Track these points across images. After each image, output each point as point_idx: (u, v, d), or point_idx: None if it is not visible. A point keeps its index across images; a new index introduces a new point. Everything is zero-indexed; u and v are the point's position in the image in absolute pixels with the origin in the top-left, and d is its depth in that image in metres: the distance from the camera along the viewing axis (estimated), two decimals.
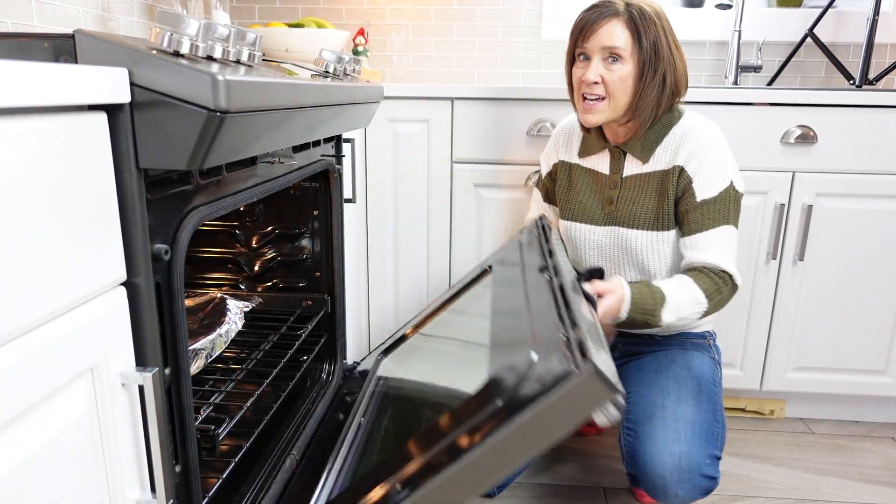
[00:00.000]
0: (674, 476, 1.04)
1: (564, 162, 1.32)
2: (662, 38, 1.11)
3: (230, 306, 1.11)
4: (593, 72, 1.12)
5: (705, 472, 1.05)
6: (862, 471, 1.50)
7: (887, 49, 1.95)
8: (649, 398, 1.13)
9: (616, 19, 1.10)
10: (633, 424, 1.11)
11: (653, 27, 1.10)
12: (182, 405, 0.70)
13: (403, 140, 1.59)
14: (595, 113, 1.14)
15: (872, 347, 1.60)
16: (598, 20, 1.11)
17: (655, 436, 1.06)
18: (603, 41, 1.11)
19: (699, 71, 2.01)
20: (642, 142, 1.19)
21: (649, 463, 1.05)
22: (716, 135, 1.16)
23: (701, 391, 1.14)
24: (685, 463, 1.04)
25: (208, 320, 1.06)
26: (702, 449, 1.05)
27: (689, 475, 1.04)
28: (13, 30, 1.23)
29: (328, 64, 1.04)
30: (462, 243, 1.65)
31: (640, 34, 1.10)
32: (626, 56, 1.10)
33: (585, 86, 1.14)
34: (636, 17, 1.10)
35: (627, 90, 1.12)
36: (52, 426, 0.51)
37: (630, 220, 1.22)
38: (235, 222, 1.34)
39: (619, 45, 1.10)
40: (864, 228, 1.53)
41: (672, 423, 1.07)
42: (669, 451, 1.05)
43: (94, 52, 0.55)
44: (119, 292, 0.59)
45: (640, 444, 1.07)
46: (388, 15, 2.02)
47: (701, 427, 1.08)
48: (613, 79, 1.11)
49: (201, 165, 0.60)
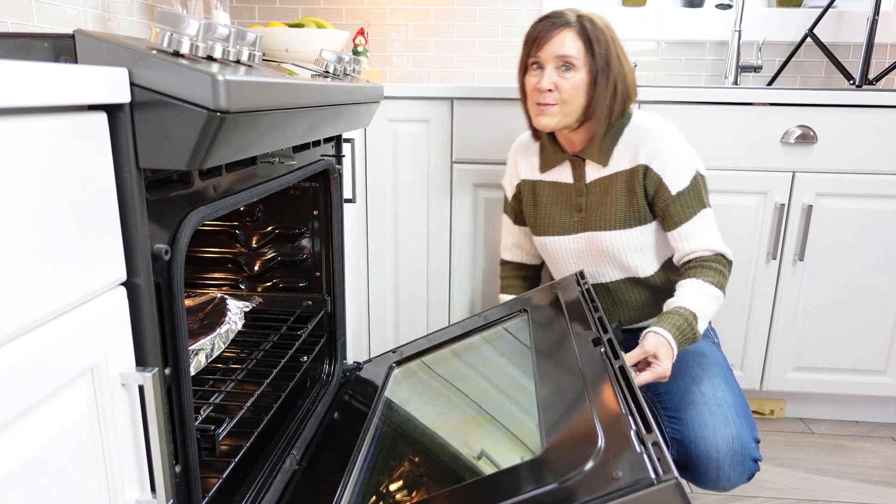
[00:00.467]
0: (727, 459, 1.04)
1: (527, 180, 1.35)
2: (612, 48, 1.16)
3: (230, 306, 1.11)
4: (547, 79, 1.16)
5: (754, 455, 1.07)
6: (862, 471, 1.50)
7: (887, 49, 1.95)
8: (683, 387, 1.13)
9: (568, 29, 1.15)
10: (675, 413, 1.11)
11: (603, 37, 1.15)
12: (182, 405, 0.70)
13: (403, 140, 1.59)
14: (548, 115, 1.18)
15: (872, 347, 1.60)
16: (551, 30, 1.16)
17: (704, 421, 1.07)
18: (556, 50, 1.15)
19: (699, 71, 2.01)
20: (598, 146, 1.22)
21: (703, 447, 1.05)
22: (668, 128, 1.20)
23: (726, 376, 1.16)
24: (738, 446, 1.05)
25: (208, 320, 1.06)
26: (748, 431, 1.07)
27: (742, 458, 1.05)
28: (13, 30, 1.23)
29: (328, 64, 1.04)
30: (462, 243, 1.65)
31: (591, 44, 1.14)
32: (578, 64, 1.15)
33: (539, 93, 1.17)
34: (588, 27, 1.15)
35: (580, 97, 1.16)
36: (52, 426, 0.51)
37: (602, 223, 1.24)
38: (235, 222, 1.34)
39: (573, 53, 1.14)
40: (864, 228, 1.53)
41: (716, 407, 1.08)
42: (721, 434, 1.05)
43: (94, 52, 0.55)
44: (119, 292, 0.59)
45: (689, 430, 1.07)
46: (388, 15, 2.02)
47: (742, 410, 1.10)
48: (567, 86, 1.15)
49: (201, 165, 0.60)
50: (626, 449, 0.66)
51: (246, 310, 1.13)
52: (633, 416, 0.72)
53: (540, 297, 1.19)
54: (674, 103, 1.50)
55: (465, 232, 1.64)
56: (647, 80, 2.02)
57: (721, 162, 1.53)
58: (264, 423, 1.03)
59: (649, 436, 0.67)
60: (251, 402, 0.99)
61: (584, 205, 1.26)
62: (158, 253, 0.63)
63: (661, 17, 1.97)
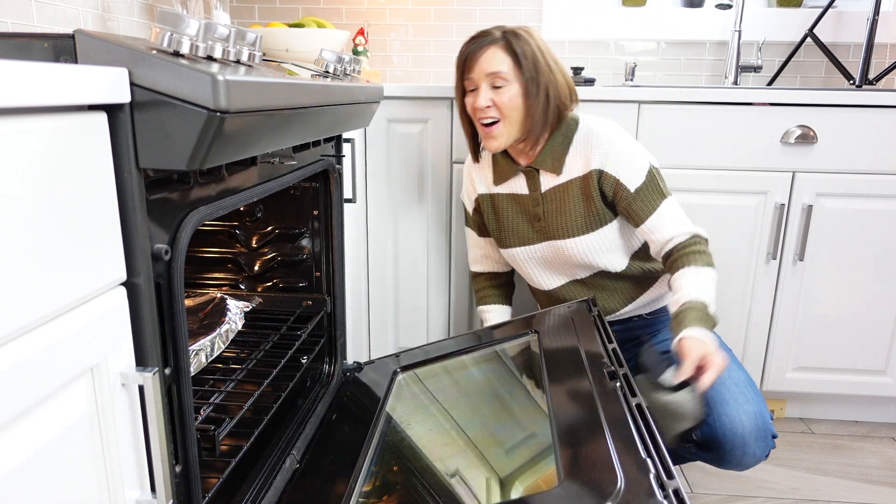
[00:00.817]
0: (753, 435, 1.06)
1: (484, 194, 1.37)
2: (539, 56, 1.18)
3: (230, 306, 1.11)
4: (483, 97, 1.19)
5: (773, 432, 1.08)
6: (862, 471, 1.50)
7: (887, 49, 1.95)
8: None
9: (494, 46, 1.18)
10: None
11: (528, 47, 1.17)
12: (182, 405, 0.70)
13: (403, 140, 1.59)
14: (496, 138, 1.21)
15: (872, 347, 1.60)
16: (478, 50, 1.19)
17: (726, 399, 1.08)
18: (486, 68, 1.18)
19: (699, 71, 2.01)
20: (550, 155, 1.24)
21: (728, 424, 1.06)
22: (616, 130, 1.23)
23: (733, 358, 1.18)
24: (761, 421, 1.06)
25: (208, 320, 1.06)
26: (766, 407, 1.09)
27: (765, 433, 1.07)
28: (13, 30, 1.23)
29: (328, 64, 1.04)
30: (461, 243, 1.65)
31: (518, 56, 1.17)
32: (510, 78, 1.18)
33: (479, 112, 1.20)
34: (512, 41, 1.17)
35: (518, 109, 1.19)
36: (52, 426, 0.51)
37: (561, 230, 1.26)
38: (235, 222, 1.34)
39: (503, 69, 1.17)
40: (864, 228, 1.53)
41: (734, 386, 1.10)
42: (745, 410, 1.07)
43: (94, 52, 0.55)
44: (119, 292, 0.59)
45: (711, 409, 1.08)
46: (388, 15, 2.02)
47: (756, 388, 1.12)
48: (503, 100, 1.18)
49: (201, 165, 0.60)
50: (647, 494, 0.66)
51: (246, 310, 1.13)
52: (654, 459, 0.72)
53: (550, 319, 1.18)
54: (674, 103, 1.50)
55: (464, 232, 1.64)
56: (647, 80, 2.02)
57: (721, 162, 1.53)
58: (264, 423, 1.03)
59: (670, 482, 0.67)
60: (251, 402, 0.99)
61: (542, 214, 1.28)
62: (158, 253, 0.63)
63: (661, 17, 1.97)
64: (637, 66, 2.02)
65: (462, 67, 1.23)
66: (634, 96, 1.50)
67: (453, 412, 1.06)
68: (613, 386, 0.90)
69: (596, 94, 1.50)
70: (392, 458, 0.99)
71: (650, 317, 1.31)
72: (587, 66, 2.03)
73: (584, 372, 0.96)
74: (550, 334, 1.12)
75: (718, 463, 1.10)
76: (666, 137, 1.52)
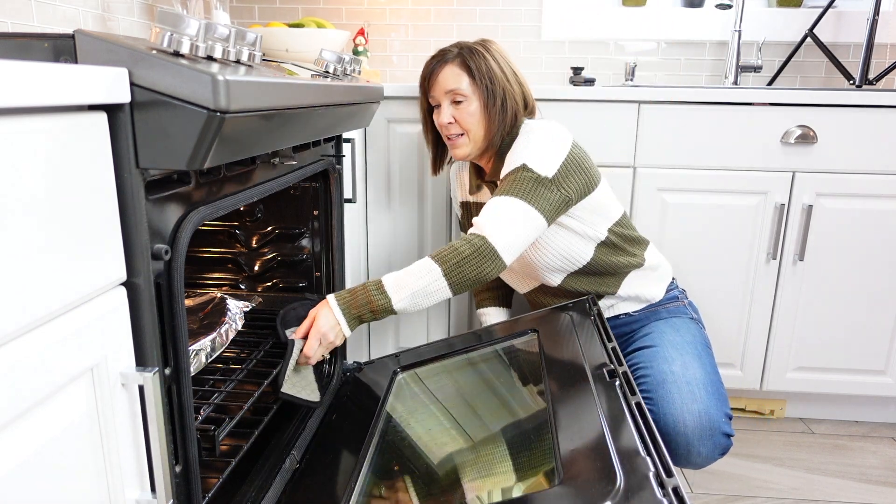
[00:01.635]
0: (696, 434, 1.07)
1: (463, 202, 1.42)
2: (495, 68, 1.22)
3: (230, 306, 1.11)
4: (445, 114, 1.24)
5: (724, 430, 1.09)
6: (862, 471, 1.50)
7: (887, 49, 1.95)
8: (656, 367, 1.16)
9: (451, 64, 1.23)
10: (649, 393, 1.14)
11: (483, 61, 1.21)
12: (182, 405, 0.70)
13: (403, 140, 1.59)
14: (459, 147, 1.25)
15: (872, 347, 1.60)
16: (435, 68, 1.24)
17: (672, 399, 1.10)
18: (444, 86, 1.23)
19: (699, 71, 2.01)
20: (500, 166, 1.25)
21: (671, 423, 1.08)
22: (539, 131, 1.20)
23: (699, 354, 1.19)
24: (706, 420, 1.07)
25: (208, 320, 1.06)
26: (718, 407, 1.10)
27: (711, 432, 1.07)
28: (13, 30, 1.23)
29: (328, 64, 1.04)
30: None
31: (472, 71, 1.21)
32: (468, 94, 1.22)
33: (444, 129, 1.25)
34: (466, 56, 1.22)
35: (480, 122, 1.23)
36: (52, 426, 0.51)
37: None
38: (235, 222, 1.34)
39: (460, 86, 1.21)
40: (864, 228, 1.53)
41: (685, 385, 1.11)
42: (689, 409, 1.08)
43: (94, 52, 0.55)
44: (119, 292, 0.59)
45: (659, 407, 1.10)
46: (388, 15, 2.02)
47: (712, 387, 1.12)
48: (464, 116, 1.22)
49: (201, 165, 0.60)
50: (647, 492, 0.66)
51: (245, 309, 1.13)
52: (653, 457, 0.72)
53: (550, 318, 1.18)
54: (674, 103, 1.50)
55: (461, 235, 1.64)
56: (647, 80, 2.03)
57: (721, 162, 1.53)
58: (264, 423, 1.03)
59: (670, 480, 0.67)
60: (251, 402, 0.99)
61: None
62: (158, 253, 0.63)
63: (661, 17, 1.97)
64: (637, 66, 2.02)
65: (425, 86, 1.27)
66: (634, 96, 1.50)
67: (453, 411, 1.06)
68: (613, 384, 0.90)
69: (596, 94, 1.50)
70: (392, 457, 0.99)
71: (637, 314, 1.31)
72: (587, 66, 2.03)
73: (583, 370, 0.96)
74: (550, 333, 1.12)
75: (673, 460, 1.12)
76: (666, 137, 1.52)
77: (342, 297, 1.07)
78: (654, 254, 1.35)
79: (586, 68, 2.03)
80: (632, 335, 1.31)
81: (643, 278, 1.31)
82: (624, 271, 1.29)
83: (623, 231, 1.29)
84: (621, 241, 1.28)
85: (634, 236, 1.32)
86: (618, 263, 1.28)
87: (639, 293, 1.30)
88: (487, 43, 1.25)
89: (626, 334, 1.32)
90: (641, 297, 1.30)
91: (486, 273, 1.10)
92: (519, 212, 1.13)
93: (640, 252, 1.32)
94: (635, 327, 1.31)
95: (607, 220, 1.26)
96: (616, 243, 1.28)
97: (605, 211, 1.26)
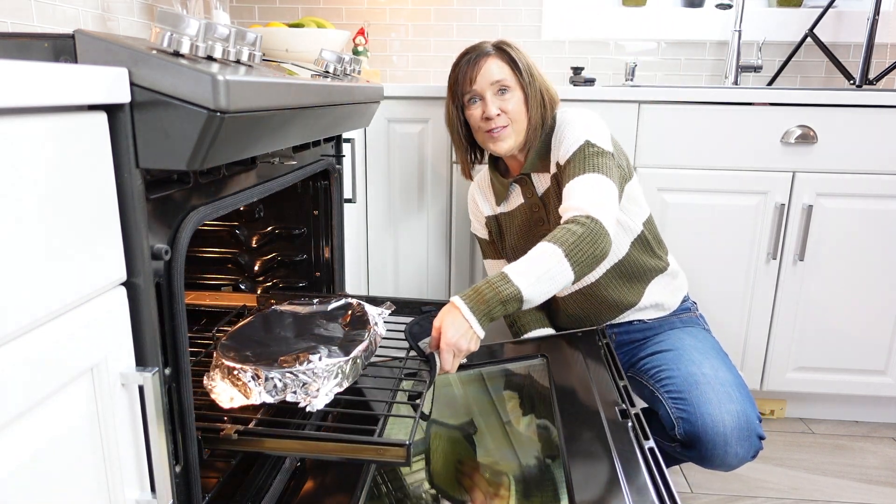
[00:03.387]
0: (734, 434, 1.06)
1: (490, 216, 1.39)
2: (529, 63, 1.24)
3: (369, 311, 1.04)
4: (492, 106, 1.21)
5: (759, 432, 1.08)
6: (862, 471, 1.50)
7: (887, 49, 1.95)
8: (683, 370, 1.15)
9: (492, 57, 1.22)
10: (680, 393, 1.12)
11: (521, 56, 1.22)
12: (182, 405, 0.70)
13: (403, 140, 1.59)
14: (504, 139, 1.23)
15: (872, 347, 1.60)
16: (477, 62, 1.22)
17: (709, 398, 1.08)
18: (490, 77, 1.21)
19: (699, 71, 2.01)
20: (536, 157, 1.25)
21: (710, 423, 1.06)
22: (582, 116, 1.22)
23: (724, 359, 1.19)
24: (744, 421, 1.06)
25: (352, 329, 1.00)
26: (752, 409, 1.09)
27: (748, 433, 1.07)
28: (13, 30, 1.23)
29: (328, 64, 1.04)
30: (461, 243, 1.65)
31: (515, 63, 1.22)
32: (512, 85, 1.22)
33: (488, 122, 1.22)
34: (506, 49, 1.22)
35: (523, 113, 1.23)
36: (52, 426, 0.51)
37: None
38: (235, 222, 1.34)
39: (505, 76, 1.21)
40: (864, 228, 1.53)
41: (719, 386, 1.10)
42: (727, 409, 1.07)
43: (94, 52, 0.55)
44: (119, 292, 0.59)
45: (694, 407, 1.09)
46: (388, 15, 2.02)
47: (744, 389, 1.12)
48: (511, 107, 1.21)
49: (201, 165, 0.60)
50: None
51: (382, 315, 1.06)
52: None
53: (560, 345, 1.18)
54: (674, 103, 1.50)
55: (464, 232, 1.63)
56: (647, 80, 2.02)
57: (721, 162, 1.53)
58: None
59: None
60: None
61: (545, 217, 1.28)
62: (158, 253, 0.63)
63: (661, 17, 1.97)
64: (637, 66, 2.02)
65: (461, 82, 1.24)
66: (634, 96, 1.50)
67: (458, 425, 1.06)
68: (625, 425, 0.91)
69: (596, 94, 1.50)
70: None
71: (651, 321, 1.31)
72: (587, 66, 2.03)
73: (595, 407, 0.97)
74: (560, 362, 1.13)
75: (702, 462, 1.11)
76: (666, 137, 1.52)
77: (468, 296, 1.00)
78: (675, 262, 1.35)
79: (586, 68, 2.03)
80: (645, 341, 1.31)
81: (665, 286, 1.31)
82: (650, 276, 1.29)
83: (653, 229, 1.31)
84: (652, 238, 1.29)
85: (660, 238, 1.33)
86: (646, 265, 1.28)
87: (658, 301, 1.30)
88: (510, 40, 1.25)
89: (639, 340, 1.32)
90: (659, 305, 1.30)
91: (602, 251, 1.06)
92: (605, 187, 1.12)
93: (665, 255, 1.33)
94: (649, 334, 1.31)
95: (642, 214, 1.28)
96: (648, 240, 1.28)
97: (640, 202, 1.28)
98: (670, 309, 1.31)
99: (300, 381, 0.83)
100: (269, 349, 0.91)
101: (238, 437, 0.81)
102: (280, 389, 0.82)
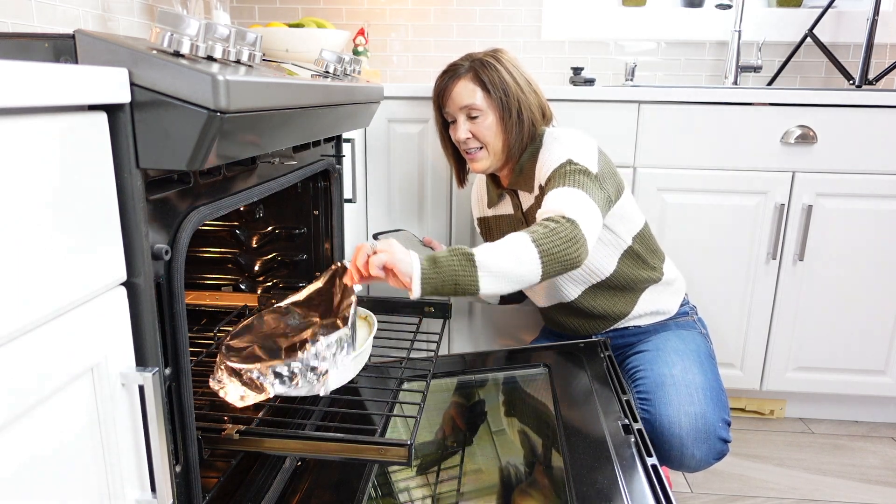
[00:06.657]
0: (691, 436, 1.07)
1: (481, 218, 1.41)
2: (508, 79, 1.18)
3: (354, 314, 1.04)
4: (462, 130, 1.21)
5: (720, 435, 1.09)
6: (862, 471, 1.50)
7: (887, 49, 1.95)
8: (656, 370, 1.16)
9: (463, 79, 1.20)
10: (646, 394, 1.14)
11: (496, 73, 1.18)
12: (182, 405, 0.70)
13: (403, 140, 1.59)
14: (479, 161, 1.23)
15: (872, 347, 1.60)
16: (448, 84, 1.22)
17: (670, 400, 1.10)
18: (459, 102, 1.20)
19: (699, 71, 2.01)
20: (522, 175, 1.24)
21: (666, 424, 1.08)
22: (569, 136, 1.19)
23: (702, 362, 1.19)
24: (701, 423, 1.07)
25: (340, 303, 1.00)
26: (715, 412, 1.09)
27: (706, 435, 1.07)
28: (13, 30, 1.23)
29: (328, 64, 1.04)
30: (461, 243, 1.65)
31: (486, 84, 1.18)
32: (483, 108, 1.19)
33: (462, 143, 1.23)
34: (478, 69, 1.19)
35: (498, 135, 1.20)
36: (52, 426, 0.51)
37: None
38: (235, 222, 1.34)
39: (474, 101, 1.19)
40: (864, 228, 1.53)
41: (684, 388, 1.11)
42: (685, 412, 1.08)
43: (95, 52, 0.55)
44: (119, 292, 0.59)
45: (655, 408, 1.10)
46: (388, 15, 2.02)
47: (711, 392, 1.12)
48: (480, 130, 1.20)
49: (201, 165, 0.60)
50: None
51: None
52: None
53: (562, 355, 1.19)
54: (674, 103, 1.50)
55: (464, 232, 1.64)
56: (647, 81, 2.03)
57: (721, 162, 1.53)
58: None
59: None
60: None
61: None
62: (158, 253, 0.63)
63: (661, 17, 1.97)
64: (637, 66, 2.02)
65: (439, 101, 1.26)
66: (634, 96, 1.50)
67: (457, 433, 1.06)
68: (628, 440, 0.93)
69: (596, 95, 1.50)
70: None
71: (646, 326, 1.31)
72: (587, 66, 2.03)
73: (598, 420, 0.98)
74: (563, 374, 1.13)
75: (664, 462, 1.12)
76: (666, 137, 1.52)
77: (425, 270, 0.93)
78: (672, 268, 1.34)
79: (586, 68, 2.03)
80: (637, 343, 1.31)
81: (659, 294, 1.30)
82: (642, 287, 1.28)
83: (646, 241, 1.28)
84: (644, 250, 1.27)
85: (655, 247, 1.31)
86: (637, 278, 1.27)
87: (653, 309, 1.30)
88: (498, 53, 1.21)
89: (632, 343, 1.32)
90: (656, 311, 1.30)
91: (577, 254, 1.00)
92: (584, 200, 1.06)
93: (660, 265, 1.31)
94: (642, 337, 1.31)
95: (632, 229, 1.26)
96: (640, 253, 1.26)
97: (630, 217, 1.25)
98: (669, 313, 1.31)
99: (308, 366, 0.83)
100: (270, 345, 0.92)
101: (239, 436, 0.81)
102: (289, 378, 0.82)
